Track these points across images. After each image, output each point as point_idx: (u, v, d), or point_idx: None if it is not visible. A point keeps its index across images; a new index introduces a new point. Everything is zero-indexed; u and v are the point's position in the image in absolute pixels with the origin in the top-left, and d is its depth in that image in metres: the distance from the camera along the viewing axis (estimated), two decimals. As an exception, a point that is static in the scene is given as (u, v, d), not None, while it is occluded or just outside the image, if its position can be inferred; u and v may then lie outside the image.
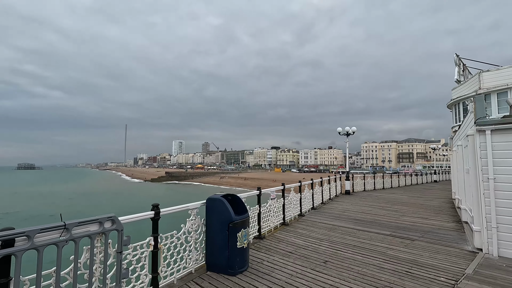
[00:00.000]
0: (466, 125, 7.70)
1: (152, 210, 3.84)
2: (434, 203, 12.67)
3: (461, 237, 6.94)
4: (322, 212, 10.25)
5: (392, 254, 5.57)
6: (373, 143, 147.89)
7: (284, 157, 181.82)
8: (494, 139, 5.57)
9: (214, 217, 4.60)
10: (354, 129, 16.69)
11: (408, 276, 4.46)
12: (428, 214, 9.96)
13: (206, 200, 4.76)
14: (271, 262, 5.07)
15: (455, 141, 11.72)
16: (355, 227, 7.86)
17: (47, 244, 2.59)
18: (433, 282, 4.22)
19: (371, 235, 7.00)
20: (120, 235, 3.28)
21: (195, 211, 4.65)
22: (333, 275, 4.48)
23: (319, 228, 7.74)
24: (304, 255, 5.46)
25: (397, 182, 22.61)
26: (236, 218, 4.53)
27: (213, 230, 4.60)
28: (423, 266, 4.91)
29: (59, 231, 2.72)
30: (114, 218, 3.23)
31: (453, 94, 16.64)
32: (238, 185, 74.77)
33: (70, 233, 2.79)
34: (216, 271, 4.57)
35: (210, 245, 4.66)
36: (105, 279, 3.12)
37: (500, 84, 13.15)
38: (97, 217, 3.08)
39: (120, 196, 51.15)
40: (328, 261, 5.14)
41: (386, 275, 4.50)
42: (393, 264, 5.00)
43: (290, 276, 4.44)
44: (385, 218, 9.28)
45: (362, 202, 13.16)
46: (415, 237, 6.84)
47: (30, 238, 2.47)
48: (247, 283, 4.19)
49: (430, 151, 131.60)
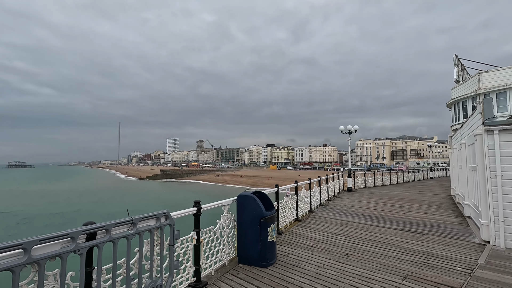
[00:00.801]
0: (471, 124, 8.09)
1: (195, 207, 4.10)
2: (435, 199, 13.14)
3: (467, 230, 7.34)
4: (330, 209, 10.60)
5: (406, 246, 5.93)
6: (367, 141, 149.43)
7: (279, 154, 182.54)
8: (501, 139, 5.95)
9: (246, 213, 4.88)
10: (356, 127, 17.09)
11: (427, 266, 4.82)
12: (431, 210, 10.40)
13: (237, 197, 5.03)
14: (296, 255, 5.38)
15: (456, 140, 12.17)
16: (365, 222, 8.22)
17: (120, 237, 2.85)
18: (451, 271, 4.58)
19: (383, 230, 7.36)
20: (173, 229, 3.54)
21: (227, 207, 4.92)
22: (358, 266, 4.81)
23: (332, 224, 8.07)
24: (325, 249, 5.79)
25: (395, 179, 23.17)
26: (266, 214, 4.82)
27: (244, 225, 4.88)
28: (438, 257, 5.28)
29: (128, 225, 2.98)
30: (168, 214, 3.49)
31: (453, 94, 17.16)
32: (234, 182, 75.02)
33: (136, 227, 3.04)
34: (248, 263, 4.86)
35: (241, 239, 4.93)
36: (162, 269, 3.38)
37: (499, 85, 13.67)
38: (154, 213, 3.33)
39: (120, 195, 50.96)
40: (349, 254, 5.47)
41: (406, 265, 4.85)
42: (410, 255, 5.36)
43: (317, 268, 4.75)
44: (392, 214, 9.68)
45: (365, 198, 13.57)
46: (425, 231, 7.23)
47: (108, 231, 2.72)
48: (280, 274, 4.49)
49: (423, 148, 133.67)
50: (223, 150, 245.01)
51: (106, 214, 29.33)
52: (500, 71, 13.88)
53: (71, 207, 35.53)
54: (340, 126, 17.16)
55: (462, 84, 16.39)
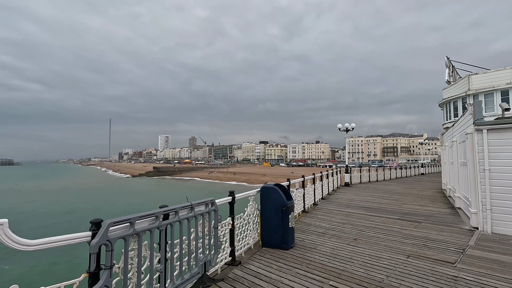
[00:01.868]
0: (462, 124, 8.90)
1: (230, 196, 4.73)
2: (427, 193, 14.06)
3: (458, 219, 8.16)
4: (332, 202, 11.35)
5: (406, 233, 6.69)
6: (359, 138, 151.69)
7: (273, 151, 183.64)
8: (489, 137, 6.75)
9: (269, 203, 5.53)
10: (353, 125, 17.90)
11: (426, 247, 5.58)
12: (425, 202, 11.25)
13: (260, 189, 5.67)
14: (311, 241, 6.07)
15: (447, 138, 13.07)
16: (366, 213, 8.98)
17: (184, 218, 3.47)
18: (446, 251, 5.34)
19: (383, 219, 8.13)
20: (217, 214, 4.16)
21: (252, 197, 5.55)
22: (366, 248, 5.53)
23: (336, 215, 8.80)
24: (335, 235, 6.49)
25: (389, 175, 24.18)
26: (287, 203, 5.49)
27: (268, 213, 5.52)
28: (435, 240, 6.05)
29: (188, 209, 3.59)
30: (214, 201, 4.11)
31: (444, 94, 18.13)
32: (228, 179, 75.35)
33: (194, 211, 3.66)
34: (271, 247, 5.52)
35: (265, 225, 5.59)
36: (210, 247, 4.00)
37: (487, 86, 14.62)
38: (204, 200, 3.95)
39: (116, 192, 50.82)
40: (357, 239, 6.19)
41: (408, 247, 5.59)
42: (410, 239, 6.11)
43: (332, 250, 5.45)
44: (389, 206, 10.48)
45: (363, 193, 14.39)
46: (421, 220, 8.02)
47: (177, 213, 3.33)
48: (301, 254, 5.17)
49: (414, 145, 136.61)
50: (216, 147, 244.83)
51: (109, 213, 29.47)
52: (488, 74, 14.84)
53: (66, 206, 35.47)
54: (338, 124, 17.94)
55: (453, 85, 17.36)
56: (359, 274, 4.27)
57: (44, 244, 2.17)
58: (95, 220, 2.45)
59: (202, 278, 3.79)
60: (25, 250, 2.10)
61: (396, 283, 3.96)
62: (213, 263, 4.03)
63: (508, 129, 6.52)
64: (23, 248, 2.08)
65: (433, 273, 4.31)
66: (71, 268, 12.33)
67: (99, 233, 2.38)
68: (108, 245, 2.43)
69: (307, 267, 4.58)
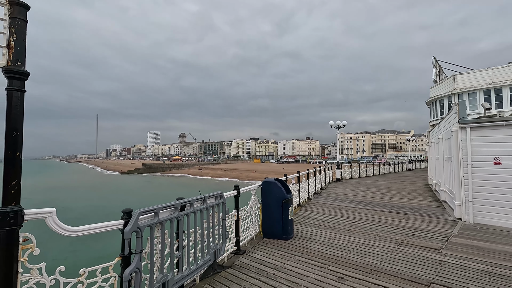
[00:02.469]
0: (447, 122, 9.46)
1: (235, 190, 5.04)
2: (414, 188, 14.72)
3: (443, 211, 8.71)
4: (325, 196, 11.81)
5: (396, 224, 7.16)
6: (348, 134, 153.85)
7: (263, 148, 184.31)
8: (472, 134, 7.27)
9: (270, 196, 5.87)
10: (344, 122, 18.43)
11: (414, 236, 6.05)
12: (412, 196, 11.84)
13: (262, 183, 6.00)
14: (308, 232, 6.46)
15: (433, 135, 13.70)
16: (358, 207, 9.45)
17: (198, 209, 3.76)
18: (432, 239, 5.82)
19: (375, 212, 8.61)
20: (224, 206, 4.47)
21: (254, 191, 5.88)
22: (360, 237, 5.96)
23: (330, 208, 9.24)
24: (330, 226, 6.91)
25: (378, 170, 24.94)
26: (287, 196, 5.84)
27: (269, 205, 5.86)
28: (422, 230, 6.54)
29: (201, 201, 3.89)
30: (222, 194, 4.42)
31: (431, 92, 18.86)
32: (219, 176, 75.50)
33: (206, 203, 3.96)
34: (272, 237, 5.87)
35: (266, 217, 5.93)
36: (220, 236, 4.32)
37: (471, 86, 15.35)
38: (214, 193, 4.25)
39: (107, 189, 50.22)
40: (351, 230, 6.61)
41: (398, 236, 6.05)
42: (400, 229, 6.58)
43: (329, 239, 5.85)
44: (379, 199, 11.01)
45: (354, 187, 14.94)
46: (409, 212, 8.53)
47: (192, 205, 3.63)
48: (300, 244, 5.54)
49: (401, 142, 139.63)
50: (206, 144, 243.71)
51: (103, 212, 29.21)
52: (472, 74, 15.57)
53: (59, 205, 35.01)
54: (330, 122, 18.43)
55: (440, 84, 18.09)
56: (355, 260, 4.68)
57: (84, 230, 2.44)
58: (126, 210, 2.73)
59: (213, 265, 4.11)
60: (70, 235, 2.37)
61: (388, 267, 4.38)
62: (221, 252, 4.35)
63: (488, 127, 7.05)
64: (68, 234, 2.35)
65: (421, 258, 4.76)
66: (95, 254, 12.99)
67: (131, 221, 2.66)
68: (138, 232, 2.71)
69: (307, 254, 4.96)
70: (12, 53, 2.08)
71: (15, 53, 2.09)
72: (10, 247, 2.04)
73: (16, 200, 2.08)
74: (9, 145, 2.06)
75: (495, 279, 3.96)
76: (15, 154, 2.08)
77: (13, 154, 2.07)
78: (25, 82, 2.16)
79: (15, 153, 2.08)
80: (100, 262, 2.60)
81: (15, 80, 2.10)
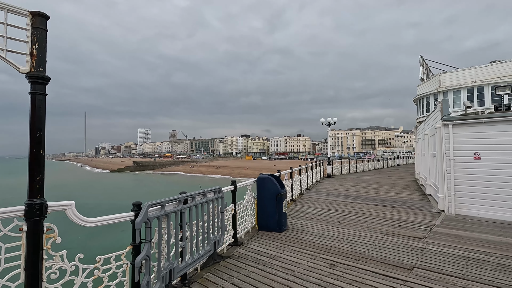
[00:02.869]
0: (432, 119, 9.93)
1: (232, 185, 5.31)
2: (402, 182, 15.28)
3: (428, 204, 9.19)
4: (317, 191, 12.19)
5: (384, 216, 7.57)
6: (338, 131, 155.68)
7: (255, 145, 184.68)
8: (454, 131, 7.72)
9: (265, 191, 6.16)
10: (335, 119, 18.87)
11: (400, 226, 6.45)
12: (400, 190, 12.35)
13: (257, 179, 6.28)
14: (301, 224, 6.79)
15: (420, 131, 14.24)
16: (348, 201, 9.85)
17: (199, 203, 4.02)
18: (417, 229, 6.23)
19: (363, 205, 9.01)
20: (223, 200, 4.73)
21: (250, 186, 6.16)
22: (350, 229, 6.32)
23: (322, 202, 9.61)
24: (322, 219, 7.25)
25: (368, 166, 25.59)
26: (281, 191, 6.14)
27: (264, 200, 6.15)
28: (408, 221, 6.95)
29: (202, 195, 4.14)
30: (220, 189, 4.68)
31: (418, 90, 19.48)
32: (211, 173, 75.34)
33: (206, 197, 4.22)
34: (267, 230, 6.17)
35: (261, 211, 6.22)
36: (219, 228, 4.58)
37: (455, 84, 15.97)
38: (213, 188, 4.51)
39: (99, 188, 49.64)
40: (341, 222, 6.97)
41: (385, 227, 6.44)
42: (387, 221, 6.98)
43: (320, 231, 6.19)
44: (368, 194, 11.45)
45: (344, 183, 15.40)
46: (396, 205, 8.97)
47: (194, 199, 3.88)
48: (294, 235, 5.86)
49: (390, 138, 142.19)
50: (198, 141, 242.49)
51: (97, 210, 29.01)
52: (456, 73, 16.20)
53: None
54: (321, 119, 18.84)
55: (426, 82, 18.71)
56: (345, 249, 5.02)
57: (100, 221, 2.68)
58: (136, 202, 2.97)
59: (213, 255, 4.38)
60: (87, 226, 2.60)
61: (375, 254, 4.74)
62: (220, 243, 4.62)
63: (469, 124, 7.50)
64: (86, 224, 2.58)
65: (406, 246, 5.14)
66: (106, 244, 13.22)
67: (141, 212, 2.90)
68: (147, 222, 2.96)
69: (301, 245, 5.28)
70: (35, 60, 2.28)
71: (38, 60, 2.29)
72: (36, 236, 2.26)
73: (41, 194, 2.29)
74: (34, 144, 2.28)
75: (470, 262, 4.36)
76: (39, 152, 2.29)
77: (37, 152, 2.28)
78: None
79: (39, 151, 2.29)
80: (112, 251, 2.84)
81: (38, 84, 2.30)
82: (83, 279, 2.57)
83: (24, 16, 2.27)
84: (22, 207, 2.22)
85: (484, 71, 15.47)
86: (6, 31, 2.16)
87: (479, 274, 3.97)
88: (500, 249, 4.91)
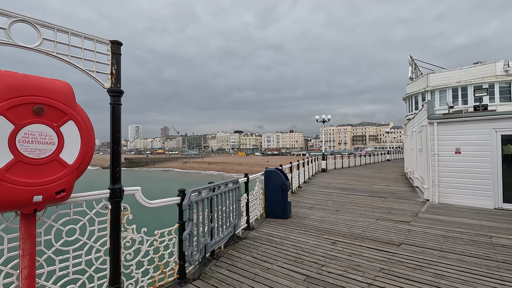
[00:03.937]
0: (419, 117, 10.84)
1: (245, 177, 6.06)
2: (392, 176, 16.30)
3: (415, 195, 10.14)
4: (313, 184, 13.05)
5: (376, 205, 8.45)
6: (330, 127, 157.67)
7: (247, 141, 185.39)
8: (439, 128, 8.62)
9: (272, 182, 6.93)
10: (329, 116, 19.75)
11: (390, 213, 7.33)
12: (390, 183, 13.32)
13: (264, 172, 7.04)
14: (303, 212, 7.60)
15: (409, 128, 15.23)
16: (343, 192, 10.73)
17: (223, 192, 4.75)
18: (405, 215, 7.12)
19: (357, 196, 9.89)
20: (239, 190, 5.48)
21: (259, 179, 6.91)
22: (346, 215, 7.16)
23: (319, 194, 10.46)
24: (321, 208, 8.08)
25: (359, 161, 26.67)
26: (286, 182, 6.92)
27: (271, 190, 6.93)
28: (397, 209, 7.84)
29: (224, 185, 4.88)
30: (237, 180, 5.43)
31: (407, 89, 20.52)
32: (204, 169, 75.71)
33: (228, 187, 4.95)
34: (273, 217, 6.95)
35: (268, 201, 6.99)
36: (236, 214, 5.33)
37: (442, 84, 17.01)
38: (232, 179, 5.25)
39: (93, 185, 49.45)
40: (338, 210, 7.81)
41: (377, 214, 7.31)
42: (379, 209, 7.85)
43: (321, 218, 7.01)
44: (361, 186, 12.37)
45: (338, 176, 16.32)
46: (387, 196, 9.88)
47: (219, 187, 4.61)
48: (298, 221, 6.67)
49: (381, 134, 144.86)
50: (190, 137, 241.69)
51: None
52: (443, 73, 17.25)
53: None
54: (315, 116, 19.68)
55: (415, 82, 19.74)
56: (344, 231, 5.85)
57: (158, 203, 3.40)
58: (181, 189, 3.69)
59: (233, 236, 5.13)
60: (149, 207, 3.31)
61: (369, 234, 5.57)
62: (238, 227, 5.38)
63: (451, 122, 8.41)
64: (148, 205, 3.29)
65: (395, 228, 6.00)
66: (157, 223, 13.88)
67: (186, 197, 3.63)
68: (190, 205, 3.68)
69: (305, 228, 6.09)
70: (114, 78, 2.96)
71: (116, 78, 2.98)
72: (117, 213, 2.97)
73: (119, 181, 2.99)
74: (114, 142, 2.97)
75: (447, 239, 5.24)
76: (118, 148, 2.99)
77: (117, 148, 2.98)
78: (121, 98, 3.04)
79: (118, 147, 2.99)
80: (163, 227, 3.56)
81: (115, 97, 2.99)
82: (147, 247, 3.29)
83: (105, 45, 2.95)
84: (107, 190, 2.92)
85: (467, 72, 16.54)
86: (95, 57, 2.84)
87: (454, 247, 4.84)
88: (473, 229, 5.82)
